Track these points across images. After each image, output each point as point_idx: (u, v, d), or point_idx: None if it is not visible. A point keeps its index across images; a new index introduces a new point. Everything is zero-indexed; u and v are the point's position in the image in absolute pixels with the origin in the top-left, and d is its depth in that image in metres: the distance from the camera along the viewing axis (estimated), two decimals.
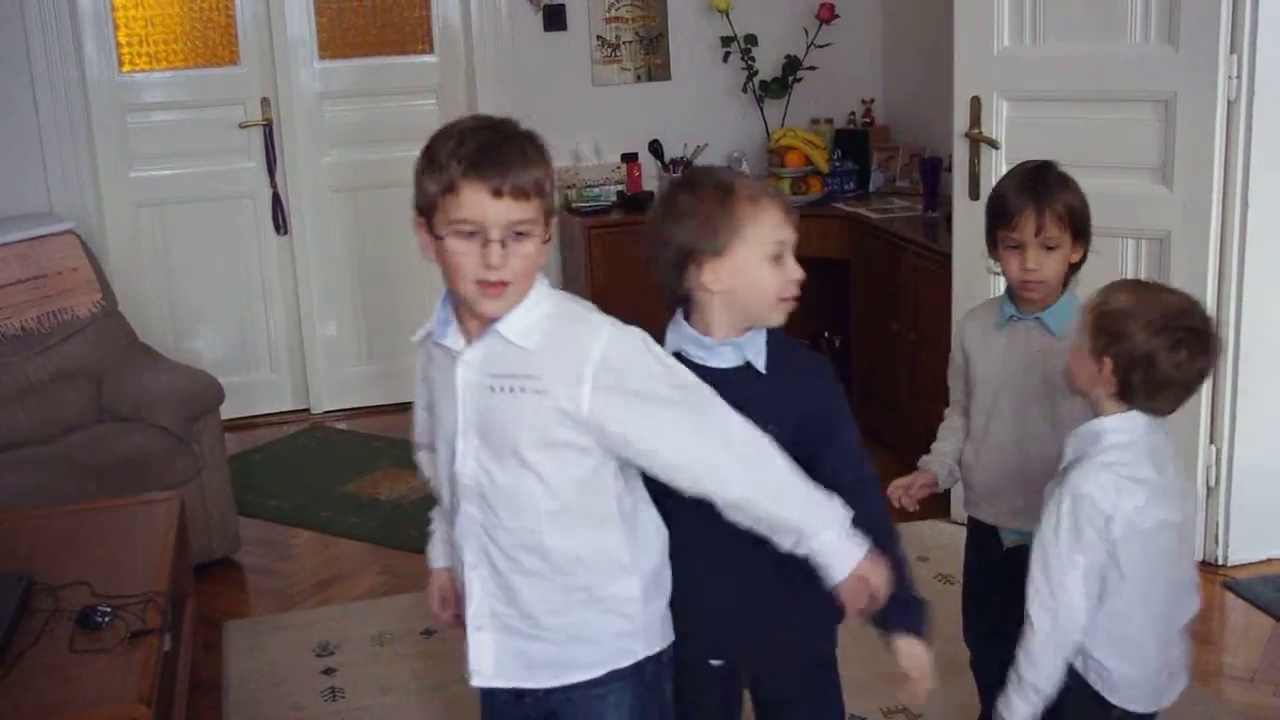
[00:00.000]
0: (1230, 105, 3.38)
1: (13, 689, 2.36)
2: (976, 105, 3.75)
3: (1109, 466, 2.03)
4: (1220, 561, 3.67)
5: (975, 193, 3.77)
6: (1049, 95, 3.66)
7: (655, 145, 5.25)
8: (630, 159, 5.22)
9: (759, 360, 1.97)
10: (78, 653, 2.45)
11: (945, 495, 3.31)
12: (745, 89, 5.32)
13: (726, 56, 5.30)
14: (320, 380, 5.39)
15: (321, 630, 3.55)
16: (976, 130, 3.76)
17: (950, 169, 3.95)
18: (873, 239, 4.69)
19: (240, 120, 5.16)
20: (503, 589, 1.86)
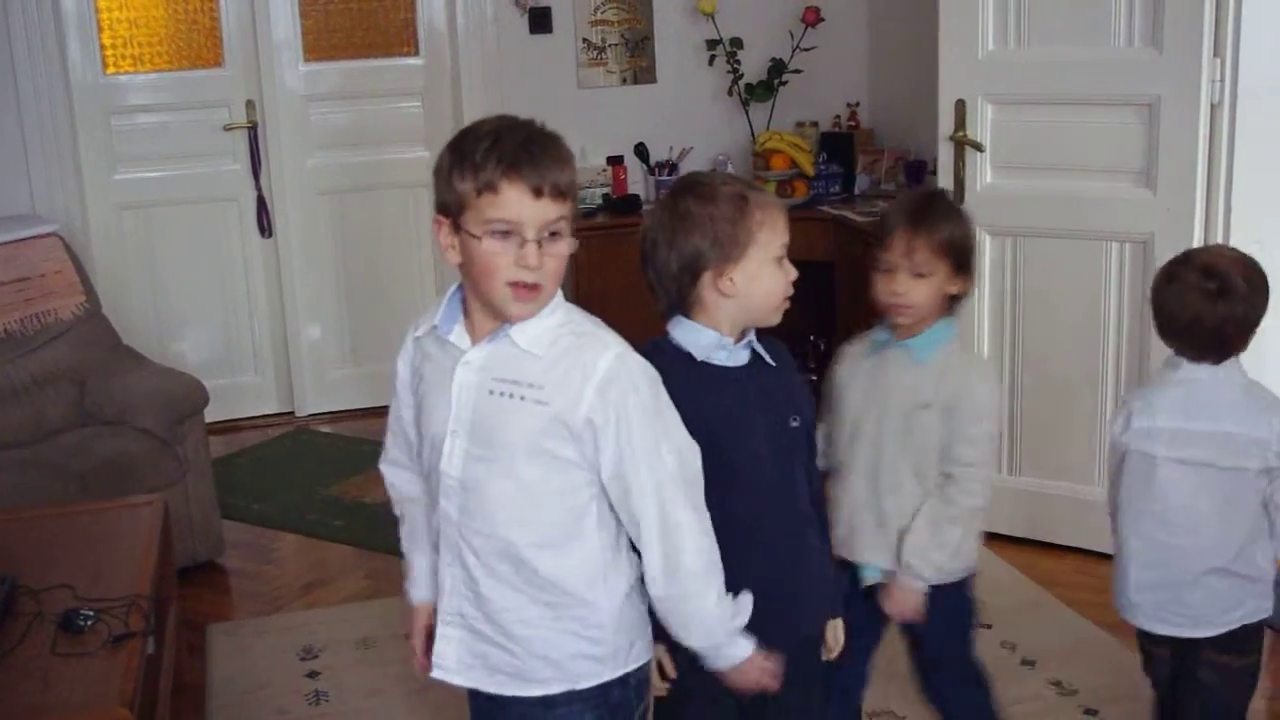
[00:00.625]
0: (1214, 108, 3.39)
1: None
2: (961, 108, 3.76)
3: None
4: None
5: (960, 196, 3.78)
6: (1033, 99, 3.67)
7: (641, 148, 5.26)
8: (616, 162, 5.23)
9: (767, 354, 2.04)
10: (60, 656, 2.44)
11: None
12: (731, 92, 5.33)
13: (712, 59, 5.30)
14: (305, 383, 5.38)
15: (306, 634, 3.54)
16: (961, 133, 3.77)
17: (935, 172, 3.96)
18: (858, 242, 4.68)
19: (225, 122, 5.15)
20: (473, 591, 1.85)
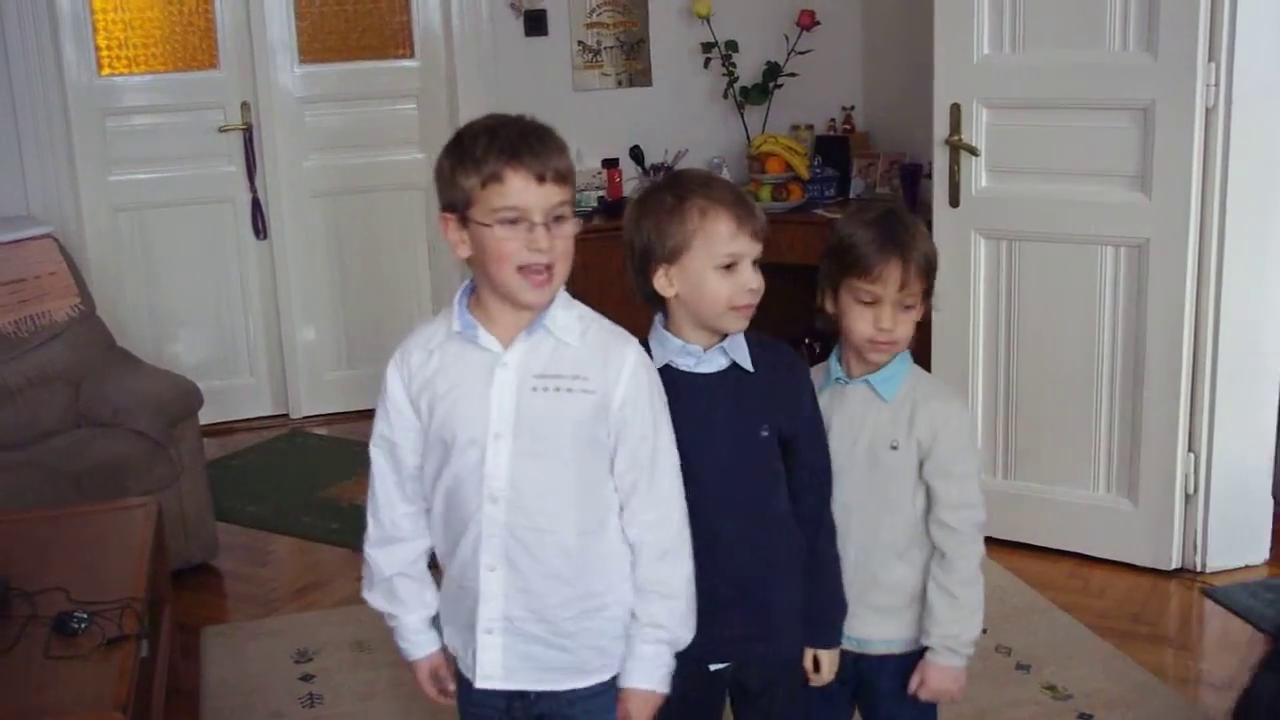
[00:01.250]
0: (1208, 113, 3.40)
1: None
2: (956, 112, 3.76)
3: None
4: (1198, 568, 3.68)
5: (955, 199, 3.79)
6: (1028, 102, 3.68)
7: (636, 151, 5.25)
8: (611, 165, 5.22)
9: (746, 360, 1.99)
10: (53, 659, 2.43)
11: None
12: (726, 95, 5.32)
13: (707, 62, 5.31)
14: (299, 385, 5.37)
15: (300, 636, 3.53)
16: (956, 137, 3.78)
17: (930, 176, 3.96)
18: None
19: (220, 124, 5.15)
20: (523, 592, 1.87)
